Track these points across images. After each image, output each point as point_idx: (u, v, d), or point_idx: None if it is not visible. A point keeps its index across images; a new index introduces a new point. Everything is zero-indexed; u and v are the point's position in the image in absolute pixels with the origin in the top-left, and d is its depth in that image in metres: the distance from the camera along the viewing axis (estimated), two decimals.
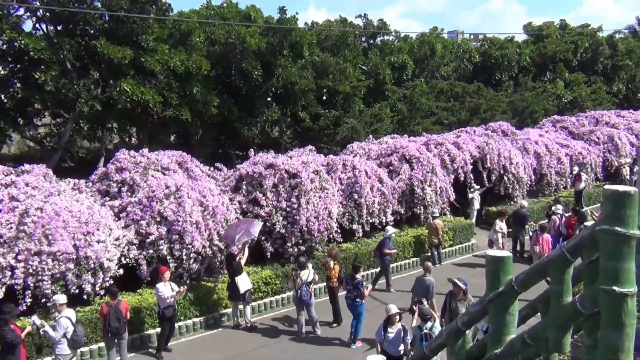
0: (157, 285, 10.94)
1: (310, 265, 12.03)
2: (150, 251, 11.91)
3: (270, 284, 13.49)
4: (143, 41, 19.50)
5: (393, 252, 14.83)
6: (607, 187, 2.91)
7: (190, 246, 12.00)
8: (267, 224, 13.63)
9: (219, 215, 12.72)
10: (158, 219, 12.03)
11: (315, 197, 14.08)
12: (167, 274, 11.15)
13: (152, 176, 12.97)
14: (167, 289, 10.90)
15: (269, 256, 13.81)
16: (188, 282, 12.35)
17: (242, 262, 12.34)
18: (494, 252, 3.43)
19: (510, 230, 17.11)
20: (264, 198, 13.82)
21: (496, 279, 3.39)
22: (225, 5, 25.30)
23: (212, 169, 15.48)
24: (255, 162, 14.74)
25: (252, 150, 16.57)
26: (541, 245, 14.98)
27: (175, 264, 11.96)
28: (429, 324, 8.90)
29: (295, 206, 13.73)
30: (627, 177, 23.15)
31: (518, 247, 16.89)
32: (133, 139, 24.50)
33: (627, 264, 2.82)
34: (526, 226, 17.57)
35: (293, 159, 15.19)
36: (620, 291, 2.81)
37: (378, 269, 14.86)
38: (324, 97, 26.01)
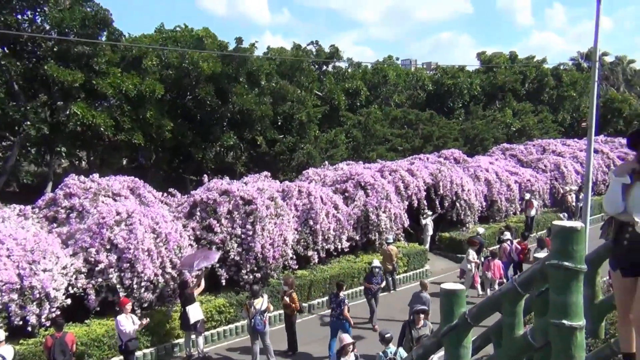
0: (118, 318, 10.53)
1: (266, 296, 11.87)
2: (100, 280, 11.53)
3: (224, 313, 13.23)
4: (94, 64, 19.17)
5: (375, 287, 13.69)
6: (555, 222, 2.99)
7: (142, 274, 11.67)
8: (222, 251, 13.43)
9: (171, 243, 12.47)
10: (108, 247, 11.69)
11: (270, 224, 13.99)
12: (129, 306, 10.79)
13: (103, 202, 12.63)
14: (128, 322, 10.52)
15: (223, 284, 13.58)
16: (139, 311, 11.98)
17: (197, 292, 12.08)
18: (447, 285, 3.47)
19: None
20: (218, 225, 13.63)
21: (450, 312, 3.42)
22: (178, 29, 25.18)
23: (165, 194, 15.21)
24: (210, 188, 14.58)
25: (206, 176, 16.37)
26: (492, 270, 15.29)
27: (126, 293, 11.59)
28: (392, 349, 8.86)
29: (250, 233, 13.61)
30: (573, 204, 23.95)
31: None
32: (83, 163, 23.89)
33: (575, 298, 2.90)
34: (482, 252, 17.88)
35: (248, 185, 15.10)
36: (570, 325, 2.87)
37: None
38: (280, 123, 26.08)
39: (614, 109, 41.86)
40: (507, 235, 17.30)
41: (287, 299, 12.07)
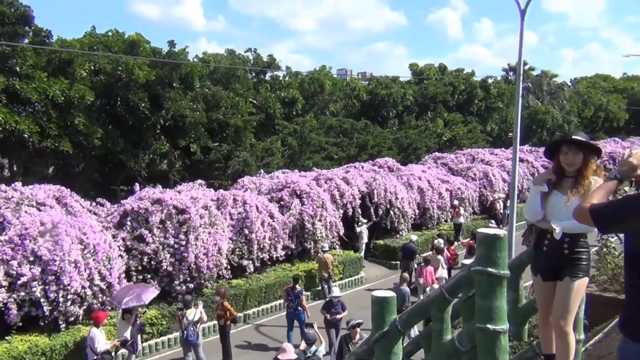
0: (94, 332, 10.13)
1: (200, 304, 11.63)
2: (22, 294, 10.94)
3: (156, 325, 12.86)
4: (15, 66, 18.28)
5: (338, 316, 11.95)
6: (480, 230, 3.10)
7: (68, 287, 11.18)
8: (153, 261, 13.10)
9: (100, 254, 12.02)
10: (31, 259, 11.12)
11: (204, 233, 13.77)
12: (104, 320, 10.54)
13: (26, 212, 12.03)
14: (103, 336, 10.20)
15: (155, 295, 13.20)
16: (64, 326, 11.46)
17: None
18: (378, 293, 3.52)
19: (400, 263, 17.71)
20: (150, 235, 13.28)
21: (381, 319, 3.47)
22: (110, 34, 24.44)
23: (94, 204, 14.69)
24: (142, 197, 14.19)
25: (137, 184, 15.93)
26: (425, 277, 15.60)
27: (50, 307, 11.07)
28: (313, 348, 8.93)
29: (184, 243, 13.35)
30: (501, 211, 24.90)
31: None
32: (5, 171, 22.70)
33: (499, 303, 3.01)
34: (414, 259, 18.23)
35: (182, 194, 14.81)
36: (494, 329, 2.97)
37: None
38: (215, 130, 25.76)
39: (539, 120, 43.96)
40: (441, 242, 17.74)
41: (219, 310, 11.89)
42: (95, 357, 10.20)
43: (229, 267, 14.59)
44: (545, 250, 3.63)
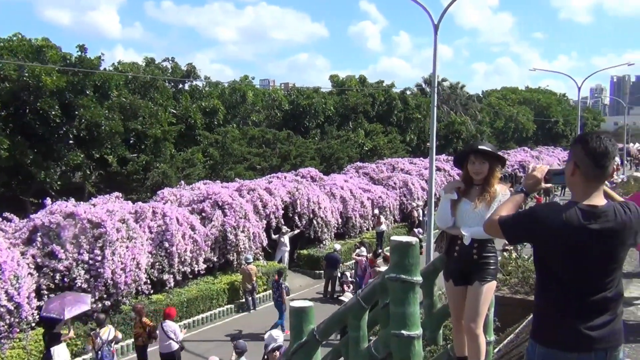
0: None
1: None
2: None
3: (70, 345, 12.19)
4: None
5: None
6: (393, 238, 3.17)
7: None
8: (66, 279, 12.47)
9: (7, 272, 11.27)
10: None
11: (121, 248, 13.29)
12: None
13: None
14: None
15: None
16: None
17: (68, 335, 11.09)
18: (296, 303, 3.52)
19: (324, 272, 17.83)
20: (62, 251, 12.64)
21: (299, 330, 3.47)
22: (15, 38, 23.09)
23: (0, 219, 13.79)
24: (53, 211, 13.48)
25: (48, 198, 15.13)
26: (348, 285, 15.80)
27: None
28: (243, 359, 8.84)
29: (99, 258, 12.82)
30: (419, 218, 25.65)
31: (329, 289, 17.60)
32: None
33: (412, 309, 3.09)
34: (338, 268, 18.40)
35: (97, 207, 14.24)
36: (408, 334, 3.05)
37: None
38: (133, 141, 24.96)
39: (454, 131, 45.76)
40: (363, 250, 18.02)
41: (137, 327, 11.49)
42: None
43: (148, 281, 14.13)
44: (456, 255, 3.77)
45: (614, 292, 2.59)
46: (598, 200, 2.57)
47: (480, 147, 3.78)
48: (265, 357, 9.31)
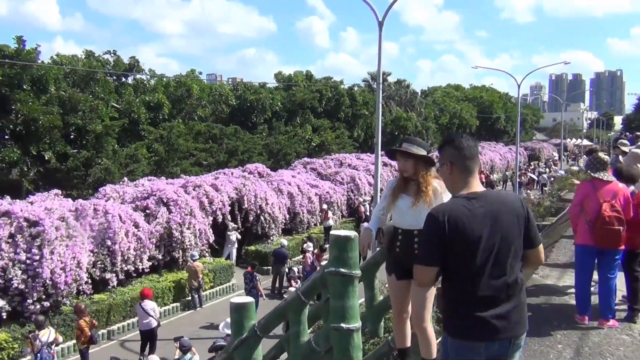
0: None
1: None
2: None
3: (7, 349, 11.72)
4: None
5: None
6: (332, 232, 3.20)
7: None
8: (2, 279, 11.97)
9: None
10: None
11: (61, 247, 12.86)
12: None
13: None
14: None
15: (4, 316, 12.08)
16: None
17: None
18: (237, 299, 3.50)
19: (271, 267, 17.81)
20: None
21: (240, 326, 3.46)
22: None
23: None
24: None
25: None
26: (295, 280, 15.83)
27: None
28: (188, 355, 8.76)
29: (37, 258, 12.35)
30: (366, 213, 25.89)
31: (277, 284, 17.59)
32: None
33: (352, 302, 3.13)
34: (286, 263, 18.41)
35: (34, 205, 13.74)
36: (347, 327, 3.09)
37: None
38: (73, 136, 24.15)
39: (400, 127, 46.47)
40: (310, 246, 18.10)
41: (77, 329, 11.17)
42: None
43: (89, 281, 13.73)
44: (398, 251, 3.81)
45: (514, 278, 2.72)
46: (477, 187, 2.81)
47: (403, 145, 3.81)
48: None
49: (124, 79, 31.00)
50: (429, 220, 2.73)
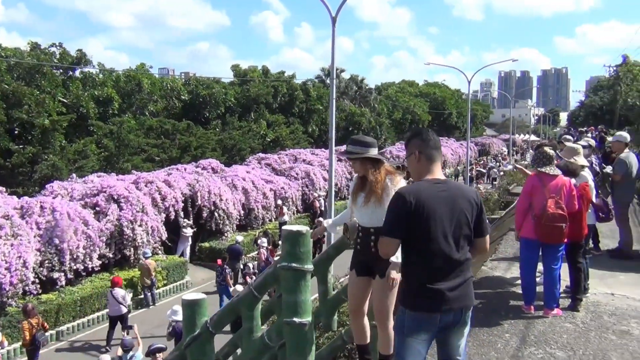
0: None
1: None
2: None
3: None
4: None
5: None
6: (285, 227, 3.21)
7: None
8: None
9: None
10: None
11: (5, 246, 12.43)
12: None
13: None
14: None
15: None
16: None
17: None
18: (189, 296, 3.47)
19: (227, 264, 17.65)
20: None
21: (192, 323, 3.43)
22: None
23: None
24: None
25: None
26: (250, 276, 15.78)
27: None
28: (130, 354, 8.69)
29: None
30: (321, 208, 26.01)
31: (232, 281, 17.44)
32: None
33: (304, 296, 3.14)
34: (240, 260, 18.28)
35: None
36: (300, 322, 3.10)
37: None
38: (17, 131, 23.29)
39: (354, 122, 46.78)
40: (265, 241, 18.04)
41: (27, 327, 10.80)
42: None
43: (37, 281, 13.32)
44: (359, 248, 3.83)
45: (465, 256, 3.06)
46: (440, 175, 3.18)
47: (348, 146, 3.82)
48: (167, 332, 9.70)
49: (71, 73, 30.03)
50: (397, 199, 3.03)
